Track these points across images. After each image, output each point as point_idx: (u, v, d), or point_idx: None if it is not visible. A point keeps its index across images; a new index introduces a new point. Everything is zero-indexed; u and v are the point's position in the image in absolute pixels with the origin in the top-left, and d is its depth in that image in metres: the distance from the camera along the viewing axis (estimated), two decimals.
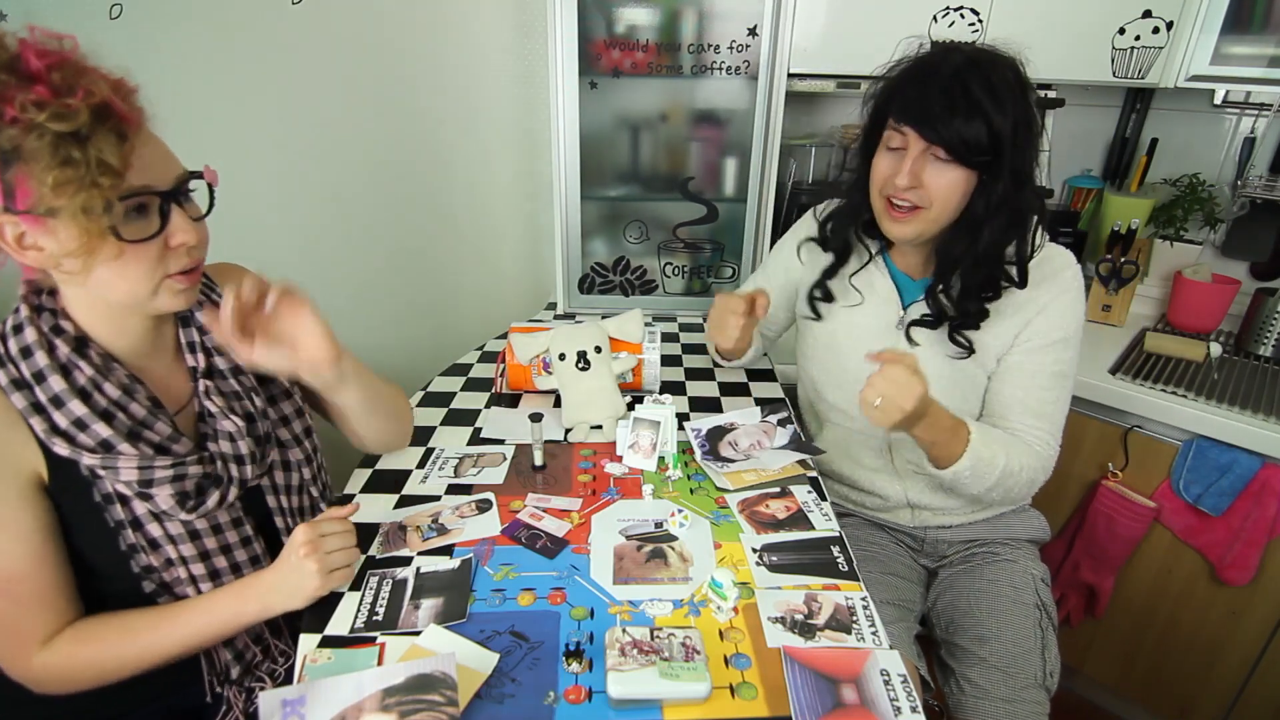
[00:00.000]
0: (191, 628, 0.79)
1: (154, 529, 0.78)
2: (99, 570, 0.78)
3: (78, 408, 0.73)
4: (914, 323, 1.07)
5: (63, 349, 0.74)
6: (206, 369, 0.85)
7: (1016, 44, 0.95)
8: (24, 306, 0.74)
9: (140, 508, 0.77)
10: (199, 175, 0.75)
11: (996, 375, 1.06)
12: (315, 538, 0.78)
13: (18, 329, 0.74)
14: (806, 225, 1.24)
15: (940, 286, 1.03)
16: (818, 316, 1.18)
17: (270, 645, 0.89)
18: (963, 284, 1.02)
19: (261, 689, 0.86)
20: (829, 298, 1.17)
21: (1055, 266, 1.03)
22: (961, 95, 0.90)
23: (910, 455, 1.14)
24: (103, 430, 0.73)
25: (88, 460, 0.73)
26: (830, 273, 1.17)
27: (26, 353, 0.73)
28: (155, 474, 0.76)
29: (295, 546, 0.78)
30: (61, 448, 0.72)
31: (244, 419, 0.85)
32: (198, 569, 0.81)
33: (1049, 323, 1.02)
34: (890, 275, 1.12)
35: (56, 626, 0.75)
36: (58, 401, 0.72)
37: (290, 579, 0.78)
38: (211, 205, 0.78)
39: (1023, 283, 1.01)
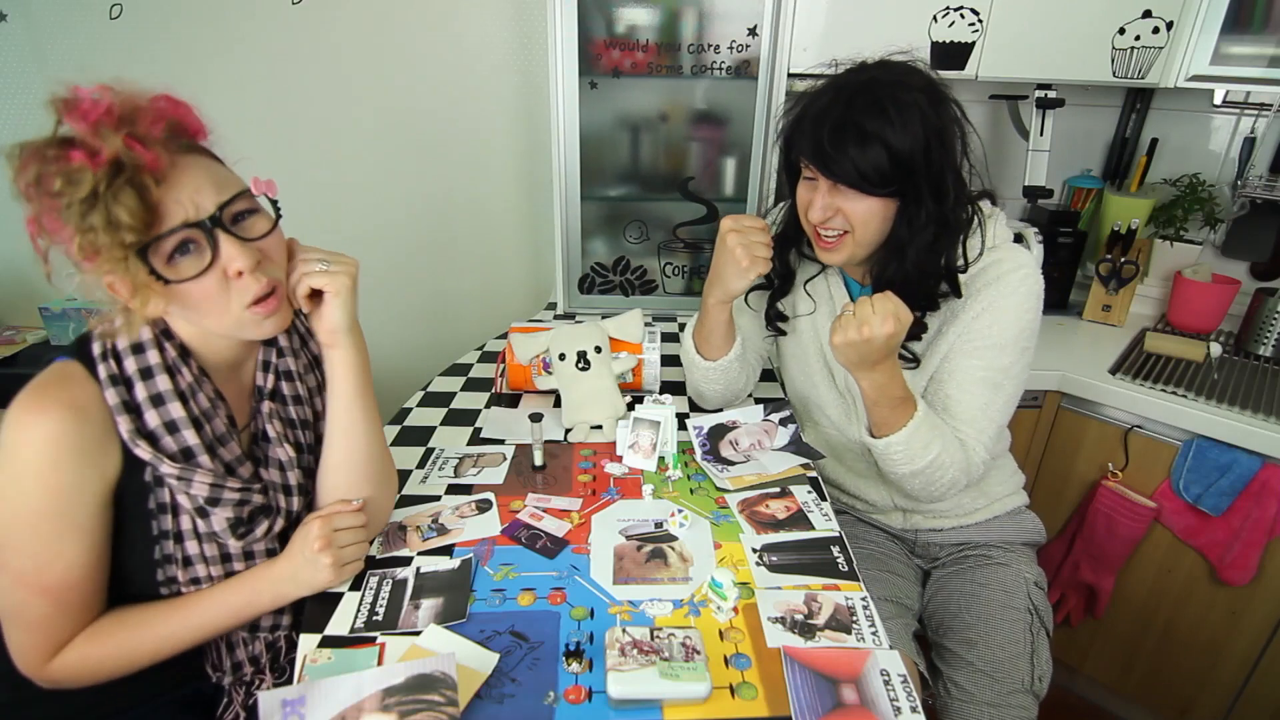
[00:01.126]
0: (205, 618, 0.79)
1: (192, 546, 0.78)
2: (124, 572, 0.78)
3: (176, 409, 0.73)
4: None
5: (171, 351, 0.75)
6: (273, 391, 0.85)
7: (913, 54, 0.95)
8: None
9: (186, 523, 0.77)
10: (247, 191, 0.73)
11: (933, 375, 1.05)
12: (329, 532, 0.80)
13: None
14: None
15: None
16: (782, 333, 1.19)
17: (278, 647, 0.89)
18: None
19: (261, 684, 0.87)
20: (782, 318, 1.18)
21: (1003, 270, 0.98)
22: (853, 129, 0.88)
23: None
24: (190, 437, 0.74)
25: (166, 469, 0.72)
26: (775, 297, 1.16)
27: (139, 349, 0.73)
28: (223, 494, 0.76)
29: (309, 540, 0.79)
30: (144, 451, 0.71)
31: (295, 449, 0.85)
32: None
33: (984, 326, 0.98)
34: (844, 282, 1.12)
35: (84, 628, 0.75)
36: (159, 400, 0.72)
37: (304, 571, 0.80)
38: (278, 215, 0.76)
39: (957, 293, 0.99)
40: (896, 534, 1.21)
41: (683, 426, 1.18)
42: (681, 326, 1.68)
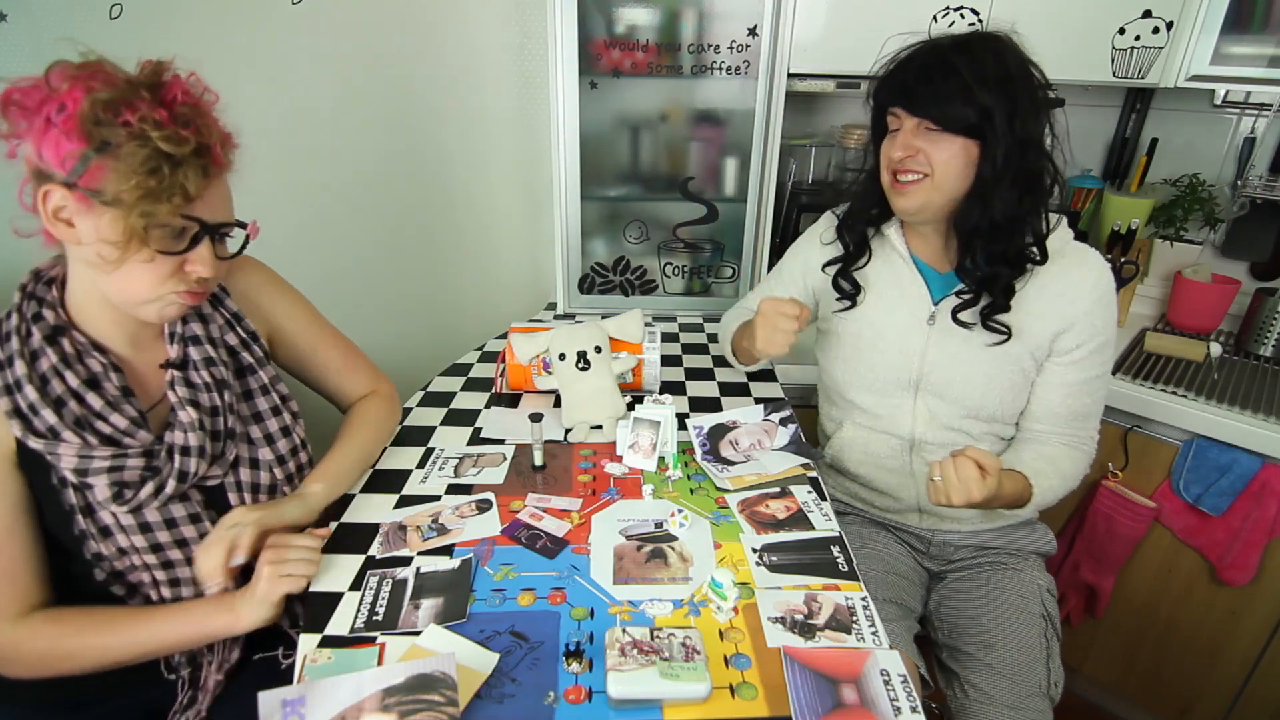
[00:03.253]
0: (166, 628, 0.81)
1: (105, 517, 0.80)
2: (64, 547, 0.81)
3: (31, 393, 0.76)
4: (957, 306, 1.06)
5: (36, 336, 0.78)
6: (180, 359, 0.87)
7: (1008, 27, 1.00)
8: (17, 292, 0.79)
9: (91, 495, 0.79)
10: (243, 225, 0.82)
11: (1043, 384, 1.08)
12: (279, 545, 0.82)
13: (7, 314, 0.79)
14: (826, 223, 1.23)
15: (969, 261, 1.03)
16: (852, 303, 1.16)
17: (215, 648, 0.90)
18: (987, 256, 1.01)
19: (212, 678, 0.89)
20: (856, 287, 1.16)
21: (1093, 271, 1.03)
22: (938, 69, 0.95)
23: (931, 458, 1.13)
24: (50, 417, 0.76)
25: (33, 444, 0.76)
26: (847, 264, 1.16)
27: (6, 337, 0.78)
28: (92, 464, 0.78)
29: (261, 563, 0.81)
30: (16, 428, 0.75)
31: (208, 413, 0.86)
32: (150, 559, 0.83)
33: (1092, 329, 1.03)
34: (917, 269, 1.11)
35: (24, 603, 0.78)
36: (17, 385, 0.76)
37: (257, 589, 0.80)
38: (242, 249, 0.85)
39: (1044, 258, 1.01)
40: (911, 533, 1.21)
41: (683, 426, 1.18)
42: (682, 327, 1.68)
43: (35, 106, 0.70)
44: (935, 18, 1.44)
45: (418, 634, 0.76)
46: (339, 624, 0.78)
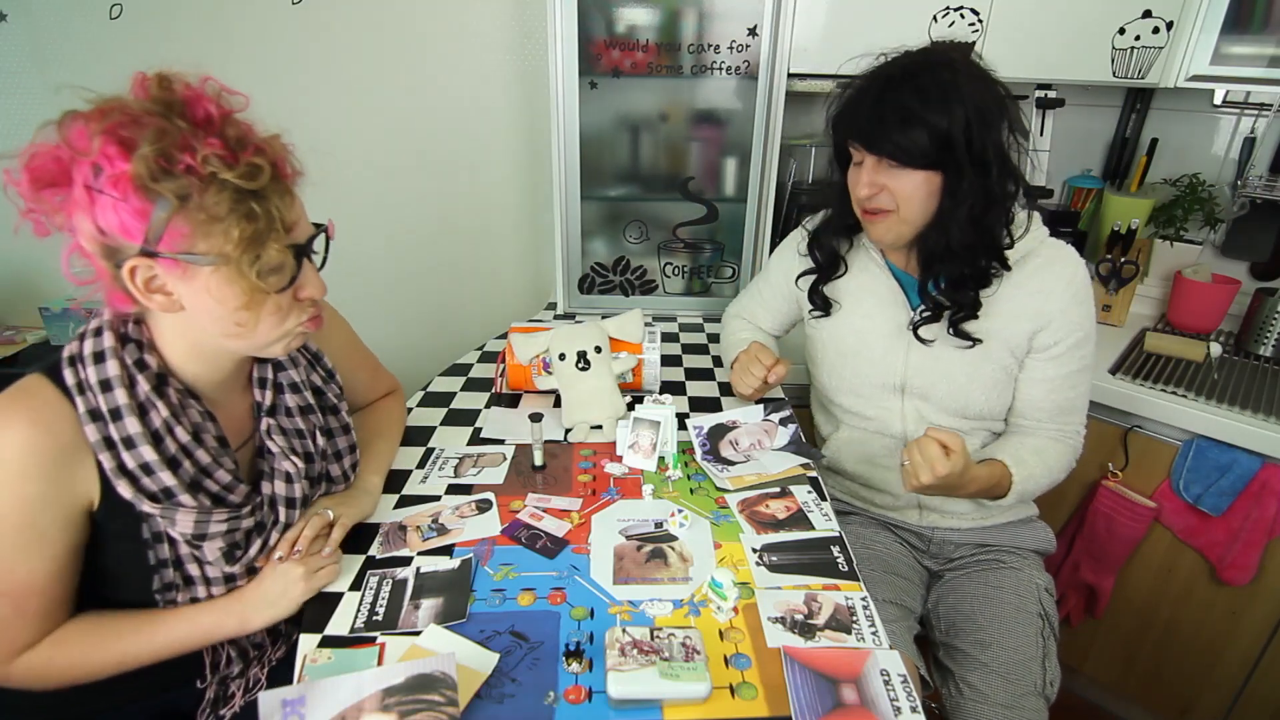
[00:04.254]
0: (172, 636, 0.78)
1: (193, 569, 0.78)
2: (119, 586, 0.78)
3: (148, 453, 0.71)
4: (917, 323, 1.08)
5: (143, 386, 0.72)
6: (271, 406, 0.84)
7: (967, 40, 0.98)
8: (109, 334, 0.72)
9: (184, 548, 0.76)
10: (320, 226, 0.77)
11: (1025, 380, 1.08)
12: (294, 540, 0.81)
13: (99, 357, 0.71)
14: (801, 234, 1.25)
15: (929, 283, 1.05)
16: (825, 314, 1.19)
17: (265, 647, 0.89)
18: (949, 277, 1.03)
19: (242, 682, 0.87)
20: (826, 306, 1.19)
21: (1066, 268, 1.03)
22: (893, 107, 0.94)
23: None
24: (167, 479, 0.72)
25: (147, 507, 0.71)
26: (818, 282, 1.19)
27: (106, 386, 0.70)
28: (209, 528, 0.75)
29: (282, 562, 0.80)
30: (125, 490, 0.70)
31: (304, 459, 0.85)
32: (219, 598, 0.81)
33: (1069, 325, 1.03)
34: (894, 276, 1.13)
35: (45, 634, 0.74)
36: (130, 443, 0.70)
37: (274, 587, 0.79)
38: (326, 258, 0.78)
39: (1005, 266, 1.02)
40: (911, 531, 1.21)
41: (683, 426, 1.18)
42: (682, 327, 1.68)
43: (62, 176, 0.62)
44: (935, 18, 1.44)
45: (418, 634, 0.76)
46: (339, 624, 0.78)
